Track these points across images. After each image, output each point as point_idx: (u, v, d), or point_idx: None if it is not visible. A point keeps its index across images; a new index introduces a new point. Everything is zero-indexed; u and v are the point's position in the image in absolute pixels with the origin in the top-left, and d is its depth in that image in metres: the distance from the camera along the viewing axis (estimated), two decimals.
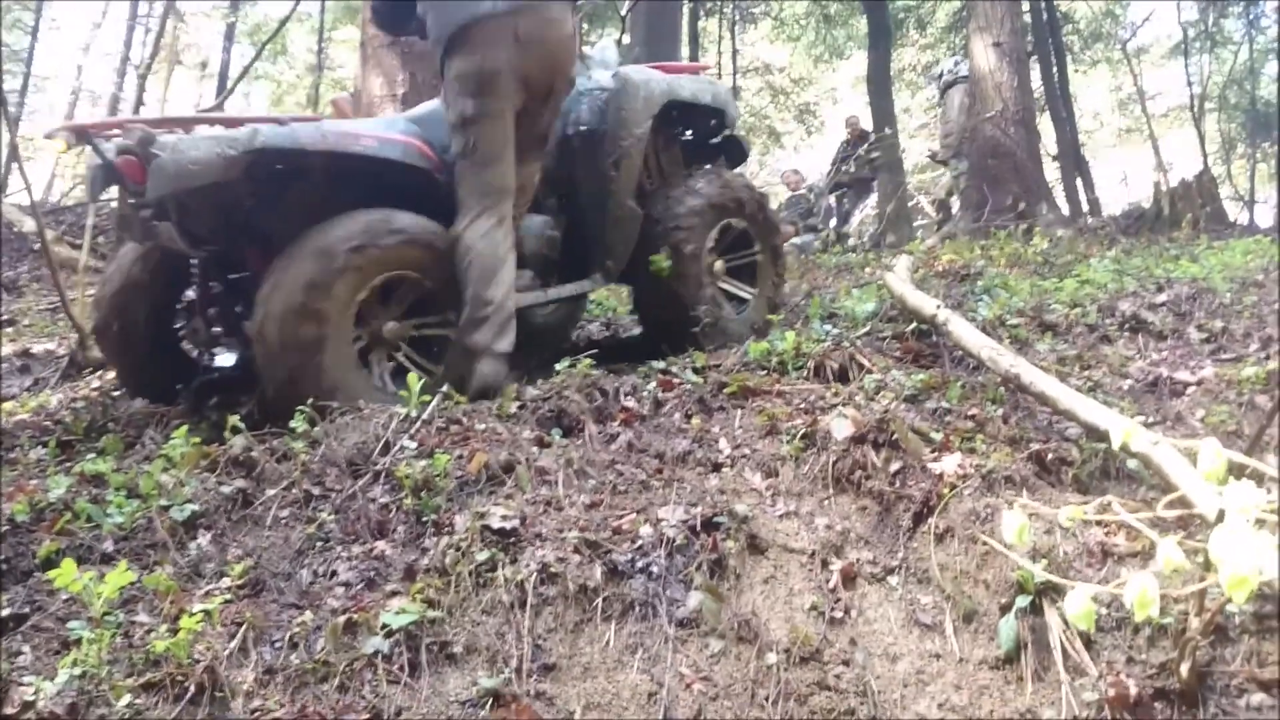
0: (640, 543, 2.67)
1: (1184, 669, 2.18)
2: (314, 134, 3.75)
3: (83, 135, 3.75)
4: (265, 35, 20.31)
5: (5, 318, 7.52)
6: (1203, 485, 1.61)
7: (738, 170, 5.44)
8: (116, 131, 3.76)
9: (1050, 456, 3.07)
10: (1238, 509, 1.40)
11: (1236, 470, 1.60)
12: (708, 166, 5.06)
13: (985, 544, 2.63)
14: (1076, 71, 22.30)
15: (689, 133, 5.25)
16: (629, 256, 4.65)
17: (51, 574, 2.22)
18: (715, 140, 5.26)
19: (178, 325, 4.43)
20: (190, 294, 4.39)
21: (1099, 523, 2.64)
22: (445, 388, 3.39)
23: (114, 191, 4.30)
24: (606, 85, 4.73)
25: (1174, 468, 1.93)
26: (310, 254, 3.60)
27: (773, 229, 5.16)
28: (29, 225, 9.90)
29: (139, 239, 4.13)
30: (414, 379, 3.24)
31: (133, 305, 4.25)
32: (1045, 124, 16.59)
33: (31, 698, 2.04)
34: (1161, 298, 4.36)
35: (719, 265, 4.89)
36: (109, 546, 2.62)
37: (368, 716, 2.18)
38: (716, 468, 3.09)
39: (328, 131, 3.80)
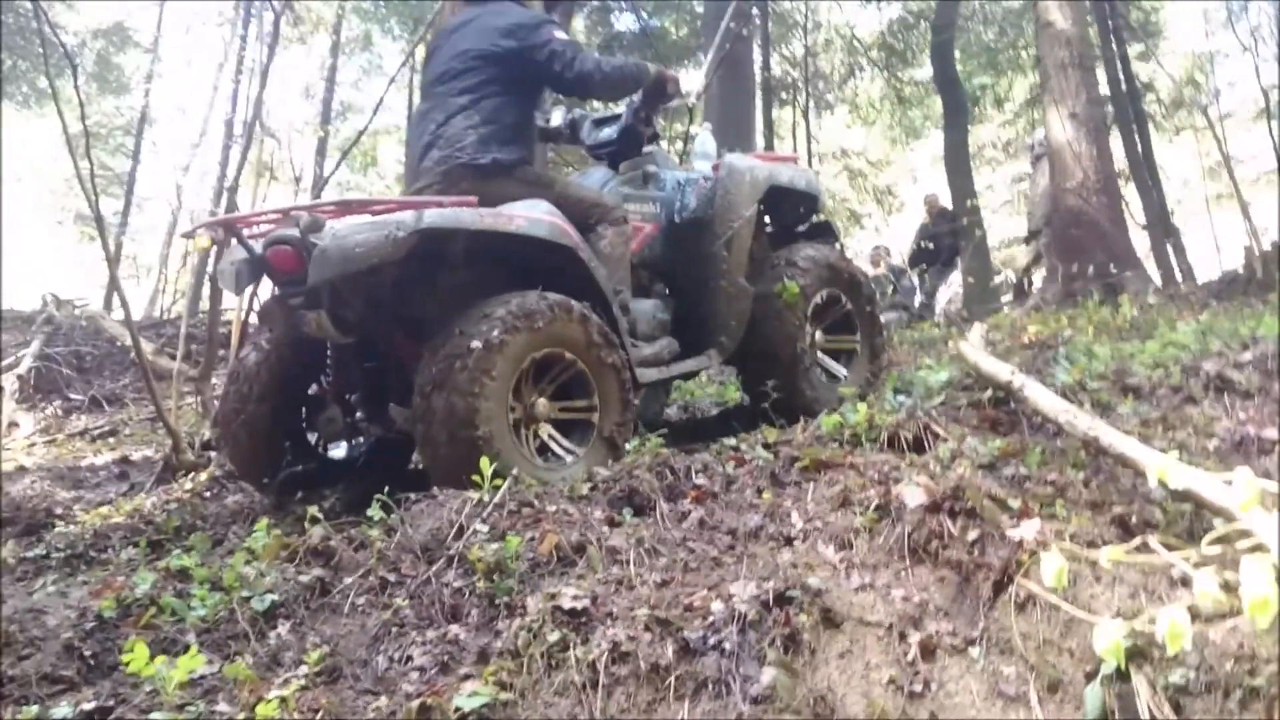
0: (712, 619, 2.64)
1: None
2: (472, 215, 3.88)
3: (230, 230, 3.90)
4: (355, 148, 21.08)
5: (106, 428, 7.79)
6: (1248, 514, 1.56)
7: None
8: (260, 226, 3.92)
9: (1134, 520, 2.99)
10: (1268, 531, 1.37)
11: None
12: (804, 244, 5.31)
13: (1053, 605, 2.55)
14: (1162, 139, 22.04)
15: (781, 218, 5.56)
16: (742, 332, 4.89)
17: (125, 658, 2.27)
18: (803, 226, 5.57)
19: (303, 417, 4.57)
20: (316, 387, 4.56)
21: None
22: (515, 471, 3.43)
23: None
24: (709, 175, 5.10)
25: (1211, 493, 1.86)
26: (473, 331, 3.74)
27: (869, 300, 5.42)
28: (129, 340, 10.30)
29: (283, 330, 4.28)
30: (485, 463, 3.28)
31: (259, 398, 4.36)
32: (1132, 194, 16.39)
33: None
34: (1247, 355, 4.24)
35: (819, 335, 5.19)
36: (191, 639, 2.67)
37: None
38: (789, 542, 3.05)
39: (483, 212, 3.93)
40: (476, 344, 3.72)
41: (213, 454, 5.34)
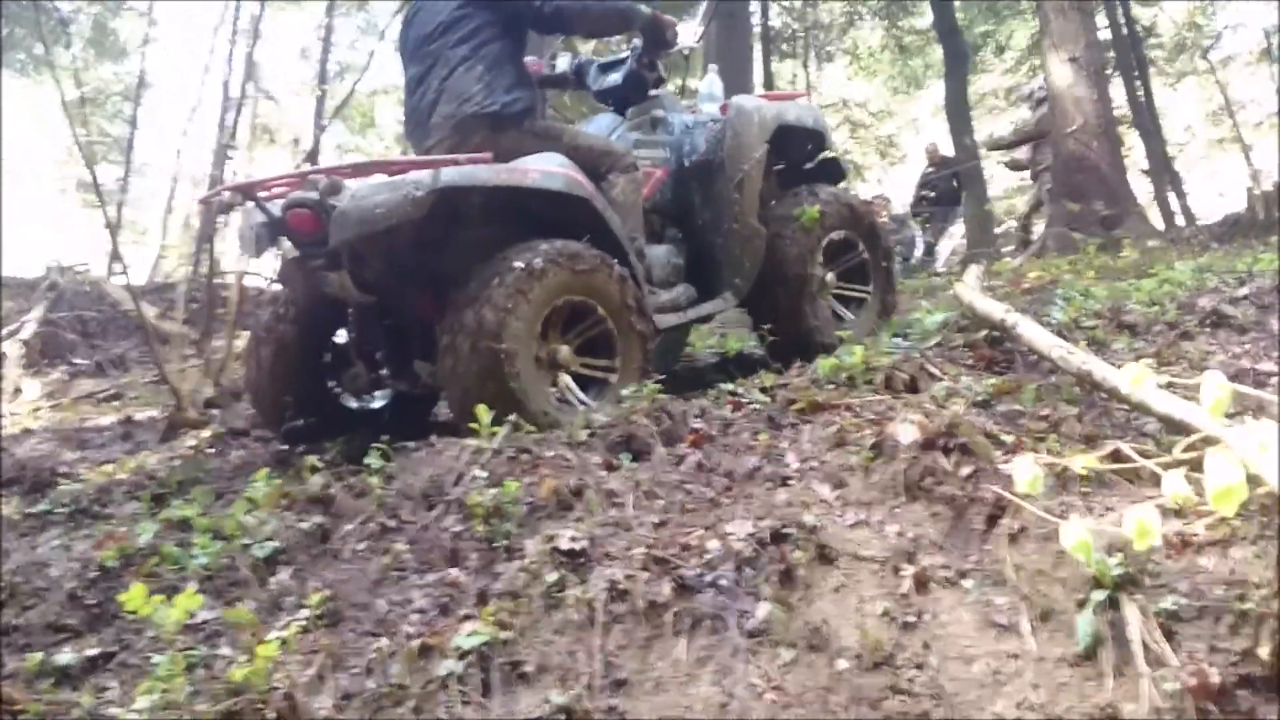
0: (708, 557, 2.67)
1: (1263, 652, 2.10)
2: (488, 171, 3.92)
3: (248, 194, 3.94)
4: (355, 110, 21.00)
5: (111, 392, 7.82)
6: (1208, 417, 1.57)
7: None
8: (276, 190, 3.95)
9: (1126, 454, 3.00)
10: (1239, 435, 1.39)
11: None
12: (813, 184, 5.31)
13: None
14: (1165, 85, 21.86)
15: (789, 156, 5.47)
16: (756, 273, 4.91)
17: (123, 597, 2.30)
18: (812, 164, 5.47)
19: (327, 374, 4.63)
20: (337, 343, 4.62)
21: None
22: (514, 417, 3.45)
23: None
24: (716, 117, 5.09)
25: (1180, 407, 1.87)
26: (496, 278, 3.80)
27: (876, 233, 5.44)
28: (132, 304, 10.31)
29: (304, 292, 4.32)
30: (483, 410, 3.30)
31: (283, 358, 4.42)
32: (1135, 140, 16.29)
33: None
34: (1243, 291, 4.24)
35: (830, 276, 5.22)
36: (192, 585, 2.70)
37: None
38: (785, 482, 3.08)
39: (498, 168, 3.97)
40: (519, 264, 3.82)
41: (216, 412, 5.37)
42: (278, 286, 4.66)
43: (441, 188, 3.73)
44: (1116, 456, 1.87)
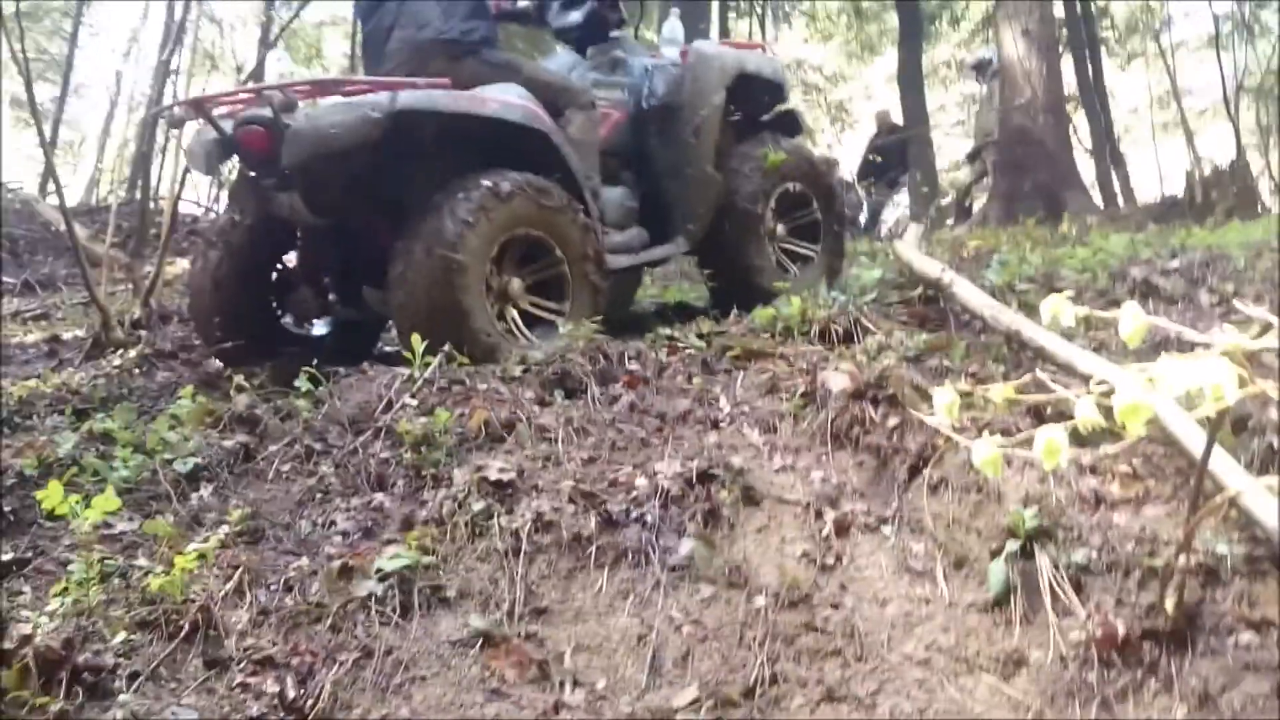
0: (635, 494, 2.69)
1: (1169, 604, 2.17)
2: (447, 97, 3.87)
3: (200, 109, 3.85)
4: (301, 39, 20.58)
5: (38, 311, 7.65)
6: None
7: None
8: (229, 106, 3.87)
9: (1049, 410, 3.06)
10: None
11: None
12: (767, 134, 5.27)
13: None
14: (1115, 66, 22.08)
15: (747, 106, 5.42)
16: (710, 219, 4.88)
17: (40, 495, 2.27)
18: (769, 115, 5.46)
19: (273, 295, 4.55)
20: (284, 266, 4.55)
21: (1091, 472, 2.64)
22: (447, 347, 3.42)
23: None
24: (676, 60, 5.04)
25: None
26: (462, 193, 3.78)
27: (832, 195, 5.46)
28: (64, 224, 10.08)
29: (254, 212, 4.23)
30: (416, 340, 3.28)
31: (227, 278, 4.32)
32: (1081, 119, 16.45)
33: (29, 632, 2.09)
34: (1174, 264, 4.33)
35: (781, 229, 5.18)
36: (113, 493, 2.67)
37: (358, 655, 2.21)
38: (715, 425, 3.10)
39: (457, 95, 3.91)
40: (487, 183, 3.81)
41: (143, 333, 5.28)
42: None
43: (398, 110, 3.67)
44: (1034, 385, 1.91)
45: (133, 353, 4.78)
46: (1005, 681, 2.27)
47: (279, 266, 4.56)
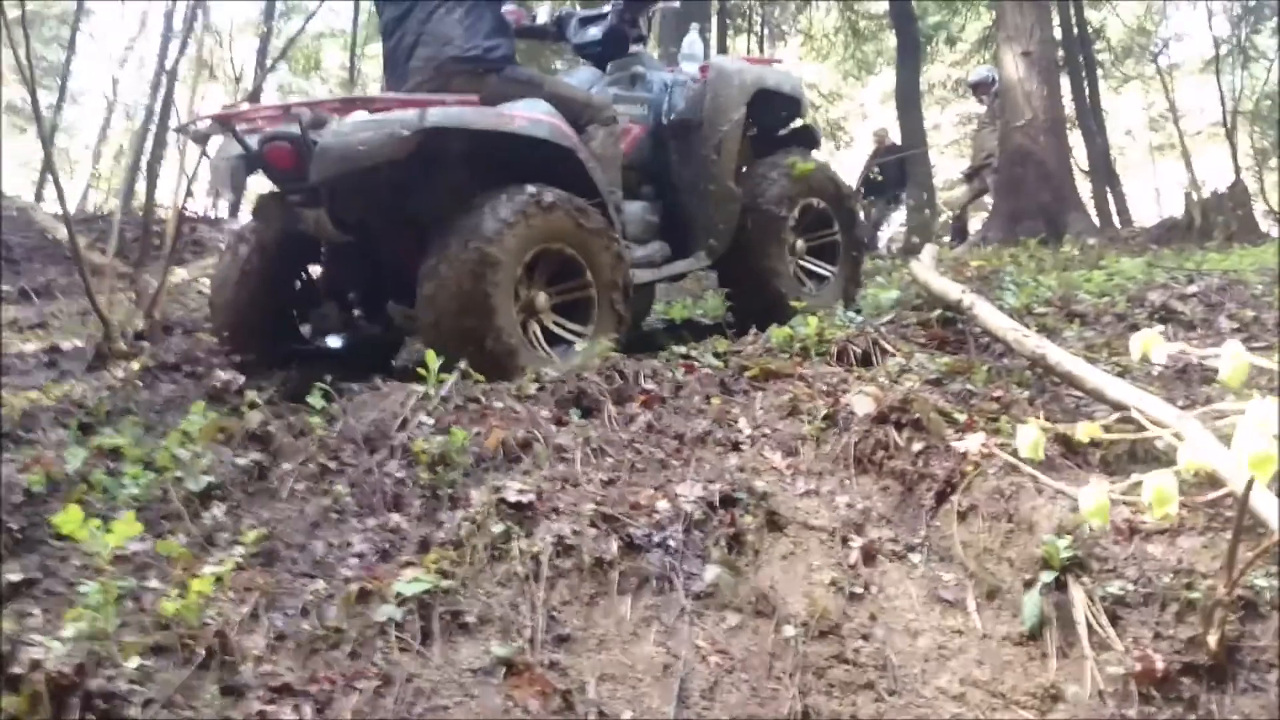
0: (657, 517, 2.64)
1: (1212, 640, 2.12)
2: (475, 114, 3.87)
3: (225, 125, 3.83)
4: (299, 50, 20.53)
5: (36, 320, 7.57)
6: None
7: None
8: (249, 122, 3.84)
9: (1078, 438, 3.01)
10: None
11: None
12: (789, 149, 5.27)
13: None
14: (1110, 89, 22.16)
15: (764, 121, 5.42)
16: (730, 234, 4.86)
17: (57, 520, 2.20)
18: (785, 130, 5.48)
19: (294, 312, 4.54)
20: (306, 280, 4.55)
21: (1125, 503, 2.59)
22: (463, 364, 3.37)
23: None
24: (696, 76, 5.05)
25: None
26: (505, 195, 3.79)
27: (854, 218, 5.45)
28: (63, 233, 9.99)
29: (278, 227, 4.21)
30: (431, 356, 3.22)
31: (250, 292, 4.32)
32: (1076, 139, 16.48)
33: (40, 657, 2.02)
34: (1192, 289, 4.30)
35: (800, 244, 5.17)
36: (123, 517, 2.60)
37: (378, 682, 2.14)
38: (736, 447, 3.05)
39: (485, 111, 3.91)
40: (532, 190, 3.85)
41: (146, 344, 5.20)
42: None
43: (427, 128, 3.66)
44: (1124, 424, 1.85)
45: (136, 365, 4.70)
46: (1043, 717, 2.22)
47: (301, 282, 4.55)
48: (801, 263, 5.15)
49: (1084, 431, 1.77)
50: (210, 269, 8.14)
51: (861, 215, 14.38)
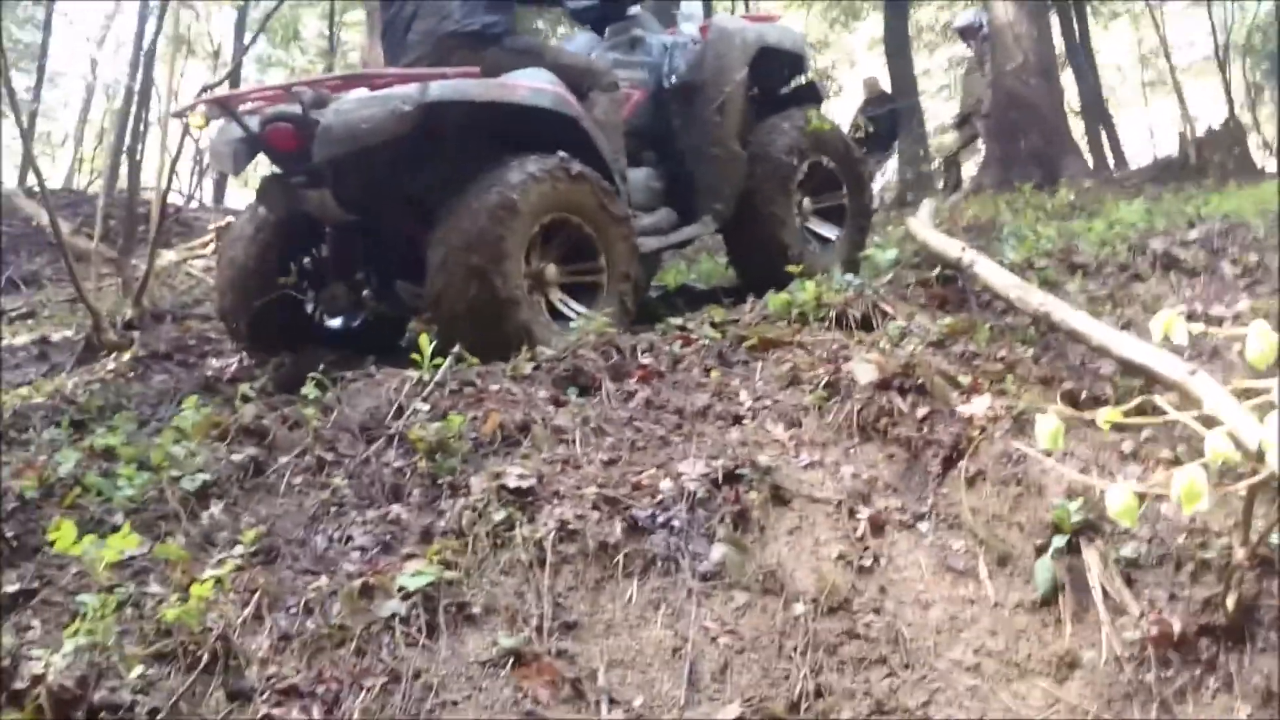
0: (660, 497, 2.60)
1: (1229, 601, 2.09)
2: (477, 86, 3.83)
3: (225, 107, 3.79)
4: (277, 21, 20.27)
5: (24, 310, 7.51)
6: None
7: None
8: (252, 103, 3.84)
9: (1084, 395, 2.98)
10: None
11: None
12: (792, 109, 5.15)
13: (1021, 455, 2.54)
14: (1099, 25, 21.92)
15: (766, 80, 5.31)
16: (736, 197, 4.79)
17: (52, 536, 2.17)
18: (788, 89, 5.38)
19: (300, 292, 4.47)
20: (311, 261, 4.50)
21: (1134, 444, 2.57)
22: (457, 348, 3.32)
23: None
24: (696, 36, 4.96)
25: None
26: (488, 194, 3.71)
27: (863, 182, 5.36)
28: (46, 219, 9.90)
29: (282, 208, 4.18)
30: (425, 339, 3.17)
31: (256, 275, 4.27)
32: (1068, 80, 16.31)
33: (41, 671, 1.99)
34: (1193, 234, 4.24)
35: (808, 204, 5.09)
36: (119, 519, 2.56)
37: (385, 679, 2.12)
38: (737, 420, 3.00)
39: (487, 83, 3.86)
40: (563, 154, 3.86)
41: (136, 334, 5.16)
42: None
43: (430, 102, 3.61)
44: (1141, 410, 1.80)
45: (126, 355, 4.66)
46: (1059, 685, 2.20)
47: (306, 263, 4.49)
48: (808, 225, 5.07)
49: (1106, 419, 1.71)
50: (198, 250, 8.09)
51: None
